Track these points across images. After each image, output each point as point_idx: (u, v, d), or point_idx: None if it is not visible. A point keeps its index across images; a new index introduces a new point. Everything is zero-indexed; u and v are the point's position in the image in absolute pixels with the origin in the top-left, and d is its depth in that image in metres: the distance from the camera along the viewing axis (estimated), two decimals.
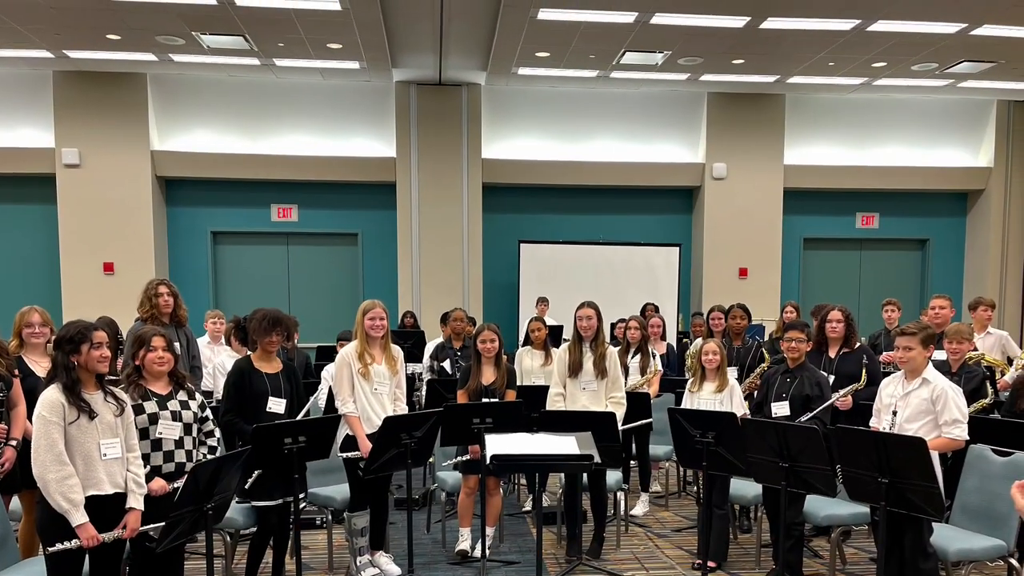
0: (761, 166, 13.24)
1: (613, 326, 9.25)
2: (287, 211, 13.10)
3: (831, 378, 5.87)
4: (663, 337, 8.29)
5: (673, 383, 7.40)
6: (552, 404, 5.89)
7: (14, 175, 12.21)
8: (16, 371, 4.91)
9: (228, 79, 12.35)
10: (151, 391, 4.25)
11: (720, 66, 11.49)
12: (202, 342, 7.60)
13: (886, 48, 10.55)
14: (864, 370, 5.80)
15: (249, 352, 5.28)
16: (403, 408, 5.64)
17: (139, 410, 4.14)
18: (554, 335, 8.80)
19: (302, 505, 5.18)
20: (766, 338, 9.16)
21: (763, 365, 6.69)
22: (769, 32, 9.92)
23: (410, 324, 10.91)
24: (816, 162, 13.55)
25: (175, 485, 4.13)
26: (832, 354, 6.18)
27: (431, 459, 6.20)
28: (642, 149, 13.32)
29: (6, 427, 4.74)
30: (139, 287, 6.52)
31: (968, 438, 4.65)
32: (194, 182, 12.76)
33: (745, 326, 7.38)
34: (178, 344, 5.78)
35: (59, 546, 3.64)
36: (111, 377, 4.03)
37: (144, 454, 4.09)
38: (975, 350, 6.32)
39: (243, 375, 5.01)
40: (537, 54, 10.90)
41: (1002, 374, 6.80)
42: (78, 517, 3.65)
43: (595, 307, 5.91)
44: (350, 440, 5.41)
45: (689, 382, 6.14)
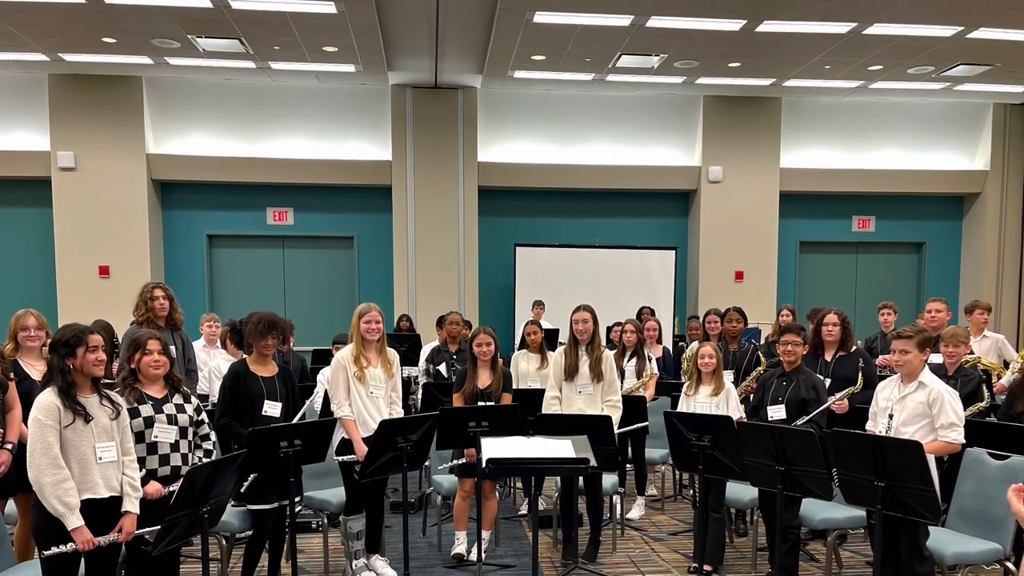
0: (757, 169, 13.25)
1: (609, 329, 9.24)
2: (283, 214, 13.09)
3: (827, 381, 5.88)
4: (659, 340, 8.29)
5: (669, 386, 7.41)
6: (548, 407, 5.89)
7: (9, 179, 12.18)
8: (11, 374, 4.90)
9: (224, 82, 12.34)
10: (147, 394, 4.25)
11: (716, 69, 11.50)
12: (198, 345, 7.59)
13: (882, 51, 10.56)
14: (860, 373, 5.81)
15: (245, 355, 5.27)
16: (399, 411, 5.65)
17: (135, 413, 4.14)
18: (550, 338, 8.79)
19: (298, 509, 5.17)
20: (762, 341, 9.17)
21: (759, 368, 6.70)
22: (765, 35, 9.93)
23: (406, 327, 10.89)
24: (812, 165, 13.56)
25: (171, 489, 4.12)
26: (828, 357, 6.19)
27: (427, 463, 6.21)
28: (638, 152, 13.32)
29: (1, 430, 4.73)
30: (135, 290, 6.50)
31: (964, 441, 4.66)
32: (190, 185, 12.74)
33: (741, 329, 7.39)
34: (174, 347, 5.76)
35: (54, 550, 3.63)
36: (107, 380, 4.03)
37: (140, 457, 4.09)
38: (971, 353, 6.33)
39: (239, 378, 5.00)
40: (533, 57, 10.91)
41: (998, 377, 6.82)
42: (73, 521, 3.63)
43: (591, 310, 5.92)
44: (346, 443, 5.40)
45: (685, 385, 6.13)
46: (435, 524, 6.51)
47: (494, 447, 4.70)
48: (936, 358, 5.78)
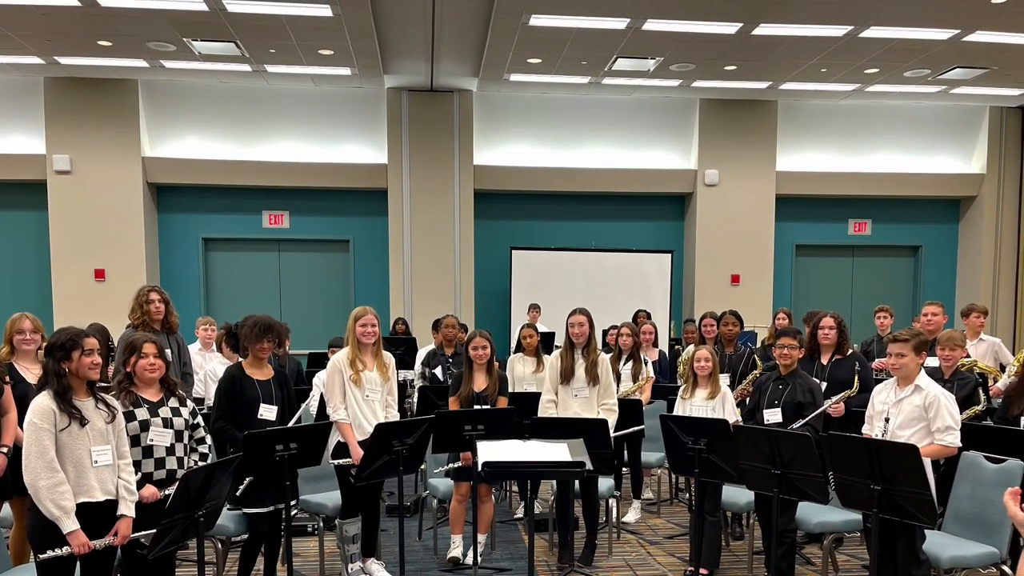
0: (753, 172, 13.27)
1: (605, 333, 9.23)
2: (278, 218, 13.08)
3: (823, 385, 5.88)
4: (655, 344, 8.28)
5: (665, 390, 7.40)
6: (544, 411, 5.88)
7: (5, 182, 12.17)
8: (7, 378, 4.88)
9: (219, 85, 12.33)
10: (142, 398, 4.25)
11: (712, 72, 11.52)
12: (193, 349, 7.58)
13: (879, 54, 10.59)
14: (856, 377, 5.81)
15: (240, 359, 5.27)
16: (395, 415, 5.63)
17: (130, 417, 4.13)
18: (546, 342, 8.77)
19: (293, 512, 5.17)
20: (758, 345, 9.16)
21: (755, 372, 6.69)
22: (761, 38, 9.95)
23: (401, 331, 10.89)
24: (808, 168, 13.58)
25: (166, 492, 4.11)
26: (824, 361, 6.19)
27: (423, 466, 6.20)
28: (634, 155, 13.33)
29: None
30: (130, 294, 6.49)
31: (960, 445, 4.65)
32: (185, 188, 12.73)
33: (737, 333, 7.38)
34: (169, 351, 5.76)
35: (50, 553, 3.62)
36: (102, 384, 4.02)
37: (135, 461, 4.09)
38: (968, 357, 6.33)
39: (234, 382, 5.00)
40: (529, 60, 10.91)
41: (995, 381, 6.82)
42: (69, 524, 3.63)
43: (587, 314, 5.92)
44: (341, 447, 5.39)
45: (681, 389, 6.12)
46: (431, 528, 6.49)
47: (490, 450, 4.69)
48: (932, 361, 5.78)
